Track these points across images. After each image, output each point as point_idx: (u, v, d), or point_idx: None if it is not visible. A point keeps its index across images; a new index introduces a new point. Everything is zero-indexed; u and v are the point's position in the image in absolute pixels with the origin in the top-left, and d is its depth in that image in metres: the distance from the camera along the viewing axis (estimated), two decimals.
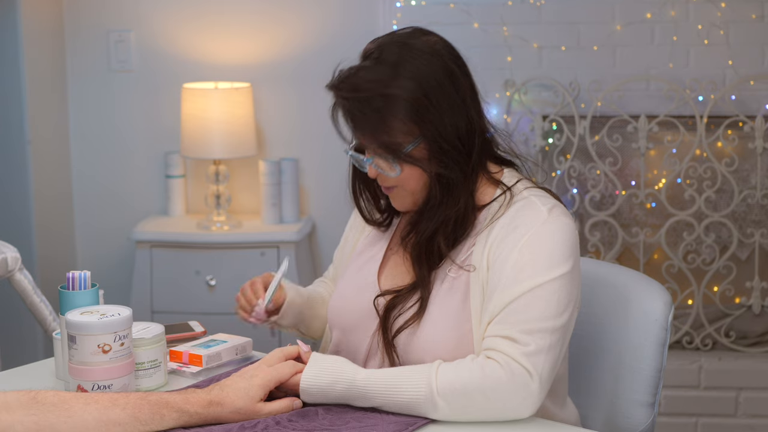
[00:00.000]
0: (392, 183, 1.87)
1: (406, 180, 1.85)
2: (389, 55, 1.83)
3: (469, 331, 1.82)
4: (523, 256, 1.78)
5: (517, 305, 1.76)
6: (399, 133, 1.81)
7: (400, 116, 1.79)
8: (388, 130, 1.80)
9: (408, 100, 1.79)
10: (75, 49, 3.91)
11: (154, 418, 1.67)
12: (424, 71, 1.81)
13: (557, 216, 1.83)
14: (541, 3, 3.65)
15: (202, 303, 3.65)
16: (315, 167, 3.88)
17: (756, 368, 3.57)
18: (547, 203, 1.85)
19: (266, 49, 3.85)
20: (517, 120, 3.67)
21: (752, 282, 3.63)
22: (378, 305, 1.90)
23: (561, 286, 1.77)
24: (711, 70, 3.59)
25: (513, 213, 1.84)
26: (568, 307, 1.78)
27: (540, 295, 1.76)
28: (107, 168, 3.96)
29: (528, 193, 1.87)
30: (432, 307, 1.85)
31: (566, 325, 1.78)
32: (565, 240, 1.81)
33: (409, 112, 1.80)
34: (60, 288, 1.91)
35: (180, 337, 2.11)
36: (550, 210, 1.83)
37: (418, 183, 1.86)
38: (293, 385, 1.77)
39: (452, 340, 1.82)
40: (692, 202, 3.61)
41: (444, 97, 1.82)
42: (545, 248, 1.79)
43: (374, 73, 1.81)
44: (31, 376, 2.01)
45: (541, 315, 1.75)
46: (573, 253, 1.81)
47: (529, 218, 1.82)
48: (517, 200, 1.86)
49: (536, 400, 1.73)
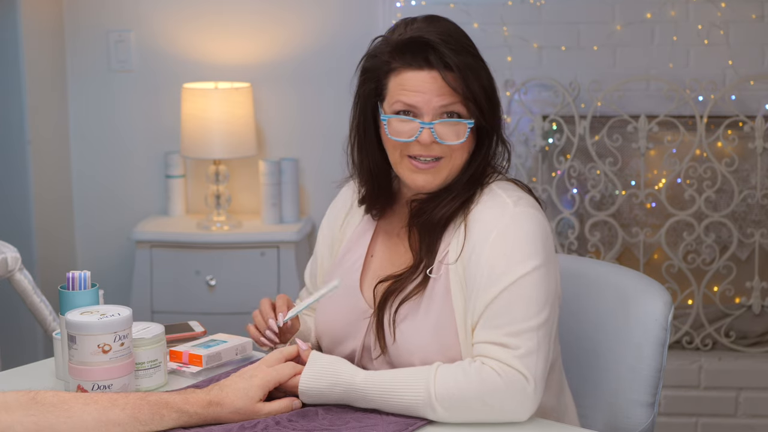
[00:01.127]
0: (439, 153, 1.83)
1: (458, 150, 1.83)
2: (448, 26, 1.84)
3: (453, 332, 1.81)
4: (494, 252, 1.77)
5: (498, 306, 1.75)
6: (492, 95, 1.84)
7: (490, 78, 1.84)
8: (490, 88, 1.82)
9: (481, 60, 1.85)
10: (75, 49, 3.91)
11: (154, 419, 1.67)
12: (469, 40, 1.86)
13: (524, 207, 1.81)
14: (541, 3, 3.65)
15: (202, 303, 3.65)
16: (315, 167, 3.88)
17: (756, 368, 3.57)
18: (512, 195, 1.83)
19: (266, 49, 3.85)
20: (517, 120, 3.67)
21: (752, 282, 3.63)
22: (377, 293, 1.89)
23: (537, 280, 1.76)
24: (711, 70, 3.59)
25: (480, 207, 1.83)
26: (548, 300, 1.77)
27: (518, 292, 1.75)
28: (107, 168, 3.96)
29: (495, 185, 1.86)
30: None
31: (549, 320, 1.77)
32: (534, 231, 1.79)
33: (484, 72, 1.84)
34: (60, 288, 1.91)
35: (180, 337, 2.11)
36: (516, 202, 1.82)
37: (463, 156, 1.84)
38: (293, 386, 1.77)
39: (437, 341, 1.81)
40: (692, 202, 3.61)
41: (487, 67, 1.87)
42: (516, 241, 1.77)
43: (459, 33, 1.83)
44: (31, 376, 2.01)
45: (523, 314, 1.74)
46: (544, 245, 1.79)
47: (495, 211, 1.81)
48: (484, 193, 1.85)
49: (534, 402, 1.73)
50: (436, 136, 1.81)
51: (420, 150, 1.82)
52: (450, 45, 1.79)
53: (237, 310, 3.62)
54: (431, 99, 1.80)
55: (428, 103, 1.80)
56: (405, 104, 1.82)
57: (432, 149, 1.82)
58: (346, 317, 1.93)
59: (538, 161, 3.68)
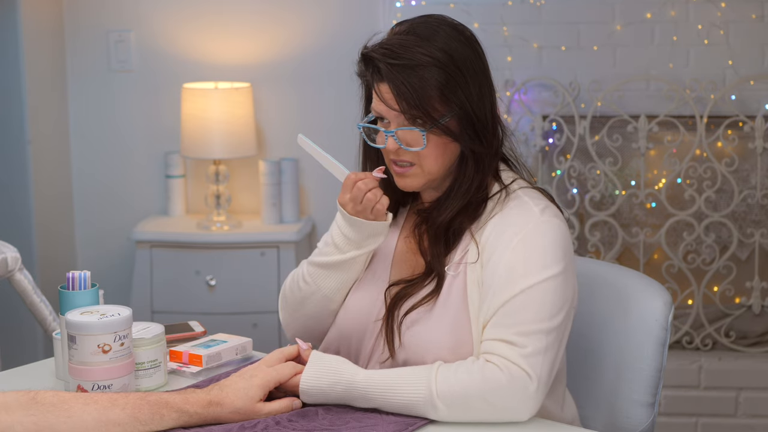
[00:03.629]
0: (410, 159, 1.86)
1: (426, 157, 1.85)
2: (422, 29, 1.85)
3: (468, 329, 1.82)
4: (516, 256, 1.79)
5: (512, 307, 1.76)
6: (436, 102, 1.82)
7: (438, 85, 1.81)
8: (428, 98, 1.81)
9: (444, 71, 1.82)
10: (75, 49, 3.91)
11: (154, 418, 1.67)
12: (455, 46, 1.85)
13: (549, 217, 1.83)
14: (541, 3, 3.65)
15: (202, 303, 3.65)
16: (315, 167, 3.85)
17: (756, 368, 3.57)
18: (539, 203, 1.86)
19: (266, 49, 3.85)
20: (517, 120, 3.67)
21: (752, 282, 3.63)
22: (388, 296, 1.90)
23: (554, 287, 1.78)
24: (711, 70, 3.59)
25: (506, 212, 1.85)
26: (563, 307, 1.79)
27: (533, 296, 1.76)
28: (107, 168, 3.96)
29: (522, 192, 1.88)
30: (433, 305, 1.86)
31: (561, 326, 1.79)
32: (557, 240, 1.81)
33: (446, 83, 1.82)
34: (60, 288, 1.91)
35: (180, 337, 2.11)
36: (542, 210, 1.84)
37: (436, 162, 1.85)
38: (293, 386, 1.77)
39: (452, 339, 1.82)
40: (692, 202, 3.61)
41: (474, 75, 1.85)
42: (537, 248, 1.80)
43: (412, 42, 1.83)
44: (31, 376, 2.01)
45: (535, 317, 1.76)
46: (565, 254, 1.82)
47: (521, 218, 1.83)
48: (510, 199, 1.87)
49: (536, 402, 1.73)
50: (400, 143, 1.85)
51: (394, 156, 1.88)
52: (388, 59, 1.82)
53: (237, 310, 3.62)
54: (390, 108, 1.84)
55: (388, 111, 1.85)
56: (375, 112, 1.88)
57: (402, 155, 1.86)
58: (366, 316, 1.93)
59: (538, 161, 3.69)
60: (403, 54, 1.82)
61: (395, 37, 1.86)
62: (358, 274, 1.95)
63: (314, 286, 1.95)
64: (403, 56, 1.82)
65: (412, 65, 1.81)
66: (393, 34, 1.88)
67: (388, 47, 1.84)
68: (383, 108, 1.85)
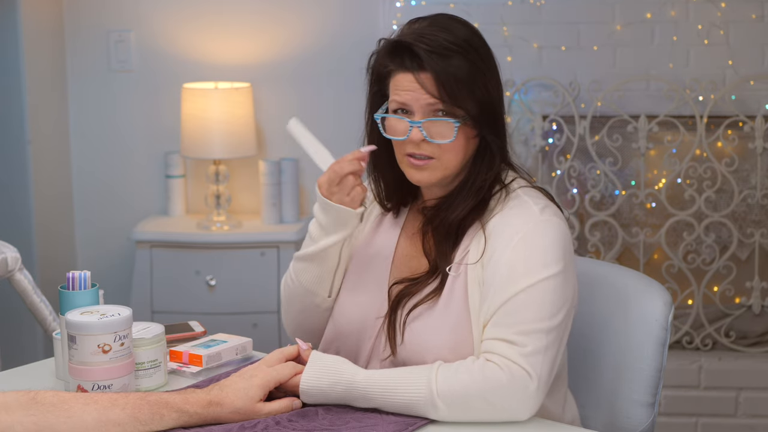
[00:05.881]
0: (430, 152, 1.85)
1: (449, 150, 1.84)
2: (445, 23, 1.85)
3: (468, 329, 1.82)
4: (516, 255, 1.79)
5: (512, 306, 1.76)
6: (473, 93, 1.83)
7: (475, 77, 1.82)
8: (468, 88, 1.82)
9: (475, 64, 1.83)
10: (75, 49, 3.91)
11: (154, 419, 1.67)
12: (476, 40, 1.86)
13: (549, 216, 1.83)
14: (541, 3, 3.65)
15: (202, 303, 3.65)
16: (315, 167, 3.85)
17: (756, 368, 3.57)
18: (539, 203, 1.85)
19: (266, 49, 3.85)
20: (517, 120, 3.67)
21: (752, 282, 3.63)
22: (391, 293, 1.90)
23: (554, 286, 1.78)
24: (711, 70, 3.59)
25: (506, 211, 1.85)
26: (563, 307, 1.79)
27: (533, 296, 1.76)
28: (107, 168, 3.97)
29: (522, 192, 1.88)
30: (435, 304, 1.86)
31: (561, 326, 1.79)
32: (557, 239, 1.81)
33: (481, 74, 1.83)
34: (60, 288, 1.91)
35: (180, 337, 2.11)
36: (542, 209, 1.84)
37: (456, 156, 1.85)
38: (293, 386, 1.77)
39: (452, 338, 1.82)
40: (692, 202, 3.61)
41: (496, 70, 1.88)
42: (538, 248, 1.80)
43: (445, 34, 1.83)
44: (31, 376, 2.01)
45: (535, 316, 1.76)
46: (565, 254, 1.82)
47: (521, 217, 1.83)
48: (510, 198, 1.87)
49: (536, 401, 1.73)
50: (425, 135, 1.83)
51: (413, 148, 1.85)
52: (428, 47, 1.81)
53: (237, 310, 3.62)
54: (419, 97, 1.83)
55: (417, 101, 1.83)
56: (398, 103, 1.86)
57: (423, 148, 1.85)
58: (365, 315, 1.94)
59: (538, 161, 3.69)
60: (443, 43, 1.81)
61: (428, 29, 1.84)
62: (334, 267, 1.95)
63: (297, 281, 1.97)
64: (443, 45, 1.81)
65: (452, 54, 1.81)
66: (416, 28, 1.86)
67: (428, 36, 1.82)
68: (412, 97, 1.83)
